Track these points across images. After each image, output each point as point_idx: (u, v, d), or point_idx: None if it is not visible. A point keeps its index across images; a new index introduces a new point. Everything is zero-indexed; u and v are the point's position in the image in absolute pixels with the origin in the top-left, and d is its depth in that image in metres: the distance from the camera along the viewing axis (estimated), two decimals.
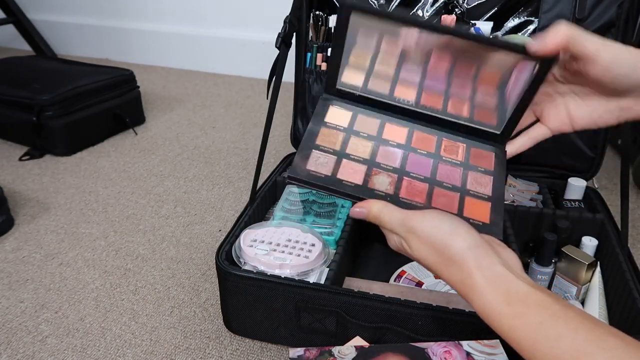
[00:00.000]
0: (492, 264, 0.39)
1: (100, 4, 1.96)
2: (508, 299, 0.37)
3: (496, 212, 0.47)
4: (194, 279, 0.80)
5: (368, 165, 0.49)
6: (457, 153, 0.52)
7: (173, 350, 0.66)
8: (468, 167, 0.51)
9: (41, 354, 0.66)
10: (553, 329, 0.35)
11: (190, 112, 1.48)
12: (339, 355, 0.49)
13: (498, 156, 0.52)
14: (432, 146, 0.52)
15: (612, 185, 1.06)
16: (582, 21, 0.78)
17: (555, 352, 0.34)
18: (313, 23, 0.89)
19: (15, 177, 1.10)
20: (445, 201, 0.47)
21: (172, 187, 1.07)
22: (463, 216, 0.46)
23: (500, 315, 0.37)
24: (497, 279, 0.38)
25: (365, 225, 0.84)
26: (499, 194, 0.49)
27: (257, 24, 1.77)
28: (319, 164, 0.48)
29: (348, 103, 0.53)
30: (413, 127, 0.53)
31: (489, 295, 0.38)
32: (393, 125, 0.53)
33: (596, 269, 0.71)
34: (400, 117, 0.53)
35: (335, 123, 0.52)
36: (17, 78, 1.26)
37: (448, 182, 0.49)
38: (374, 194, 0.47)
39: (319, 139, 0.50)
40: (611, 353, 0.33)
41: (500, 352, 0.49)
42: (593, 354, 0.33)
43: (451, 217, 0.43)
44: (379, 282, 0.71)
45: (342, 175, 0.48)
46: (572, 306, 0.37)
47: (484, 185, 0.49)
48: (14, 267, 0.82)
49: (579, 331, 0.34)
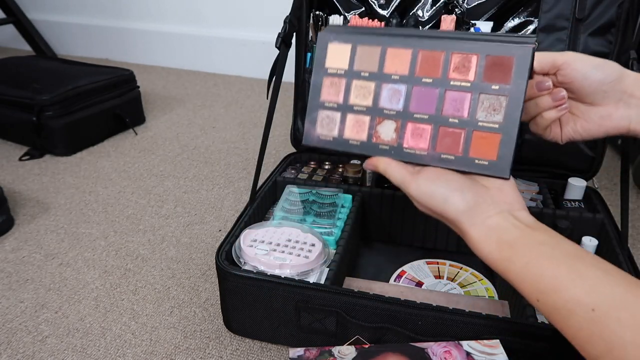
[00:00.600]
0: (486, 219, 0.43)
1: (101, 4, 1.96)
2: (499, 247, 0.42)
3: (506, 145, 0.45)
4: (194, 279, 0.80)
5: (371, 115, 0.50)
6: (469, 69, 0.46)
7: (173, 350, 0.66)
8: (479, 89, 0.46)
9: (41, 354, 0.66)
10: (536, 268, 0.39)
11: (190, 112, 1.48)
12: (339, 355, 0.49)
13: (519, 60, 0.44)
14: (438, 68, 0.47)
15: (612, 185, 1.06)
16: (582, 21, 0.78)
17: (539, 286, 0.39)
18: (313, 23, 0.89)
19: (15, 177, 1.10)
20: (450, 142, 0.47)
21: (172, 187, 1.07)
22: (468, 157, 0.46)
23: (494, 261, 0.43)
24: (489, 231, 0.43)
25: (365, 225, 0.84)
26: (513, 119, 0.44)
27: (257, 24, 1.77)
28: (325, 125, 0.51)
29: (347, 34, 0.52)
30: (417, 46, 0.49)
31: (482, 246, 0.43)
32: (395, 49, 0.49)
33: None
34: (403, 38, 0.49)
35: (336, 67, 0.52)
36: (17, 78, 1.26)
37: (454, 116, 0.47)
38: (379, 150, 0.49)
39: (323, 93, 0.52)
40: (588, 282, 0.37)
41: (500, 352, 0.49)
42: (570, 286, 0.37)
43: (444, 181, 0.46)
44: (379, 282, 0.71)
45: (348, 133, 0.51)
46: (560, 244, 0.41)
47: (497, 110, 0.45)
48: (14, 267, 0.82)
49: (561, 267, 0.38)
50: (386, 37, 0.50)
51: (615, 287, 0.36)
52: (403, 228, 0.82)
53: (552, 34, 0.80)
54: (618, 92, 0.48)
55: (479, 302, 0.67)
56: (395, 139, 0.49)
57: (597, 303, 0.35)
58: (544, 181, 0.87)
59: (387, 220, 0.82)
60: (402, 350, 0.49)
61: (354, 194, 0.81)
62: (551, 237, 0.42)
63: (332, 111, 0.52)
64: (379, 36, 0.50)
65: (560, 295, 0.37)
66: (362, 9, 0.88)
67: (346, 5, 0.88)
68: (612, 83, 0.48)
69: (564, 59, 0.49)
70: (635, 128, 0.49)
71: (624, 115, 0.49)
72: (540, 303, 0.39)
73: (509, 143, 0.45)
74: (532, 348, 0.54)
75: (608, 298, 0.35)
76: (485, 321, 0.55)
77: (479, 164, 0.45)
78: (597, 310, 0.35)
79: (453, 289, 0.73)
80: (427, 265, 0.78)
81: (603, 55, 0.78)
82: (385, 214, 0.82)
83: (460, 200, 0.44)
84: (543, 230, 0.42)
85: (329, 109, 0.52)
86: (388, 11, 0.87)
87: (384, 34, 0.50)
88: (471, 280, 0.75)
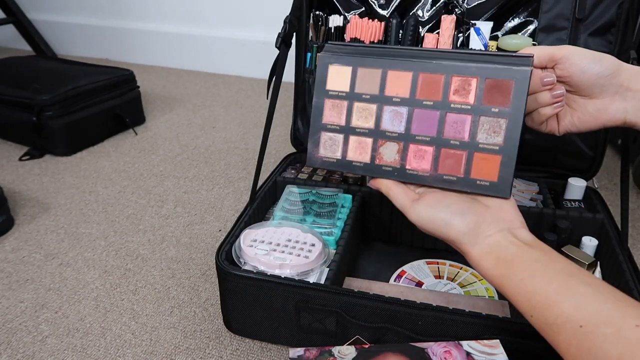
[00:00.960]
0: (486, 238, 0.45)
1: (101, 4, 1.96)
2: (497, 264, 0.43)
3: (506, 166, 0.46)
4: (194, 279, 0.80)
5: (374, 137, 0.51)
6: (469, 92, 0.47)
7: (173, 350, 0.66)
8: (479, 111, 0.46)
9: (41, 354, 0.66)
10: (530, 285, 0.41)
11: (190, 112, 1.48)
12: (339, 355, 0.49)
13: (518, 83, 0.45)
14: (439, 91, 0.48)
15: (612, 185, 1.06)
16: (582, 21, 0.78)
17: (531, 303, 0.40)
18: (313, 23, 0.89)
19: (15, 177, 1.10)
20: (452, 164, 0.47)
21: (172, 187, 1.07)
22: (470, 178, 0.46)
23: (492, 277, 0.44)
24: (489, 249, 0.44)
25: (365, 225, 0.84)
26: (513, 140, 0.45)
27: (257, 24, 1.77)
28: (328, 147, 0.52)
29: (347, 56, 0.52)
30: (418, 69, 0.49)
31: (482, 263, 0.45)
32: (396, 71, 0.50)
33: (596, 269, 0.71)
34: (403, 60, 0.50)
35: (337, 89, 0.52)
36: (17, 78, 1.26)
37: (456, 138, 0.48)
38: (382, 171, 0.50)
39: (325, 115, 0.52)
40: (578, 299, 0.37)
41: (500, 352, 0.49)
42: (562, 302, 0.38)
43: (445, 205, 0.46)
44: (379, 282, 0.71)
45: (351, 155, 0.51)
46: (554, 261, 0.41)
47: (497, 132, 0.46)
48: (14, 267, 0.82)
49: (552, 284, 0.39)
50: (386, 58, 0.50)
51: (603, 304, 0.36)
52: (403, 228, 0.82)
53: (552, 34, 0.80)
54: (615, 86, 0.49)
55: (479, 302, 0.67)
56: (398, 161, 0.50)
57: (585, 319, 0.36)
58: (544, 181, 0.87)
59: (387, 220, 0.82)
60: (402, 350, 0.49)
61: (354, 194, 0.81)
62: (546, 255, 0.42)
63: (334, 133, 0.52)
64: (379, 58, 0.51)
65: (552, 311, 0.38)
66: (362, 9, 0.88)
67: (346, 5, 0.88)
68: (609, 77, 0.49)
69: (563, 53, 0.49)
70: (631, 120, 0.50)
71: (620, 108, 0.50)
72: (533, 319, 0.40)
73: (509, 164, 0.46)
74: (532, 348, 0.54)
75: (595, 314, 0.36)
76: (485, 321, 0.55)
77: (480, 184, 0.46)
78: (584, 326, 0.36)
79: (453, 289, 0.73)
80: (427, 265, 0.78)
81: None
82: (385, 214, 0.82)
83: (461, 223, 0.45)
84: (539, 247, 0.43)
85: (332, 131, 0.52)
86: (388, 11, 0.87)
87: (383, 55, 0.51)
88: (471, 280, 0.75)
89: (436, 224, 0.46)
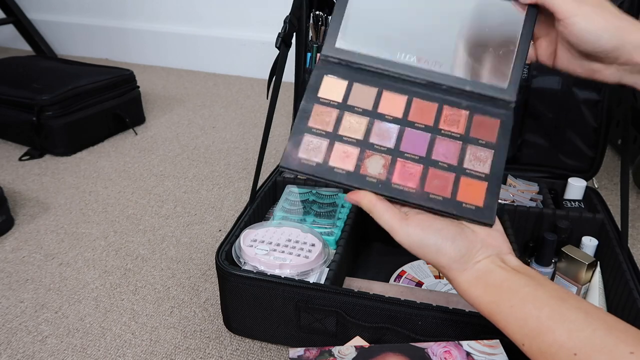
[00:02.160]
0: (476, 263, 0.44)
1: (101, 4, 1.96)
2: (486, 290, 0.42)
3: (491, 193, 0.46)
4: (194, 279, 0.80)
5: (361, 147, 0.49)
6: (458, 123, 0.49)
7: (173, 350, 0.66)
8: (468, 141, 0.48)
9: (41, 354, 0.66)
10: (521, 311, 0.39)
11: (190, 112, 1.48)
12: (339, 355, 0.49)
13: (503, 124, 0.49)
14: (431, 117, 0.49)
15: (612, 185, 1.06)
16: None
17: (524, 330, 0.39)
18: (313, 23, 0.89)
19: (15, 177, 1.10)
20: (439, 184, 0.47)
21: (172, 187, 1.07)
22: (456, 200, 0.46)
23: (481, 304, 0.43)
24: (479, 275, 0.43)
25: (365, 225, 0.84)
26: (498, 171, 0.47)
27: (257, 24, 1.77)
28: (310, 150, 0.48)
29: (345, 70, 0.51)
30: (413, 94, 0.50)
31: (471, 290, 0.43)
32: (391, 93, 0.50)
33: (596, 269, 0.71)
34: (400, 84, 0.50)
35: (329, 98, 0.51)
36: (17, 78, 1.26)
37: (444, 161, 0.48)
38: (366, 182, 0.47)
39: (312, 119, 0.50)
40: (570, 325, 0.37)
41: (500, 352, 0.49)
42: (554, 329, 0.37)
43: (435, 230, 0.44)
44: (379, 282, 0.71)
45: (334, 161, 0.48)
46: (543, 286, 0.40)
47: (483, 162, 0.48)
48: (14, 267, 0.82)
49: (543, 310, 0.38)
50: (384, 78, 0.51)
51: (596, 331, 0.36)
52: None
53: None
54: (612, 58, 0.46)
55: None
56: (384, 174, 0.48)
57: (579, 347, 0.35)
58: (544, 181, 0.87)
59: None
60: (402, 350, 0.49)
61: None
62: (535, 280, 0.41)
63: (319, 137, 0.49)
64: (376, 76, 0.51)
65: (544, 339, 0.37)
66: None
67: None
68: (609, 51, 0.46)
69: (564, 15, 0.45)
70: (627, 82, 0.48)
71: (614, 73, 0.48)
72: (526, 347, 0.39)
73: (494, 192, 0.46)
74: None
75: (589, 342, 0.35)
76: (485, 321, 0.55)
77: (466, 207, 0.46)
78: (578, 354, 0.35)
79: (453, 289, 0.73)
80: (427, 265, 0.78)
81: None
82: None
83: (452, 249, 0.44)
84: (527, 273, 0.42)
85: (316, 135, 0.49)
86: None
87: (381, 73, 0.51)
88: None
89: (427, 249, 0.44)
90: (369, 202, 0.46)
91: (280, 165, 0.48)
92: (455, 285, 0.45)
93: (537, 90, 0.83)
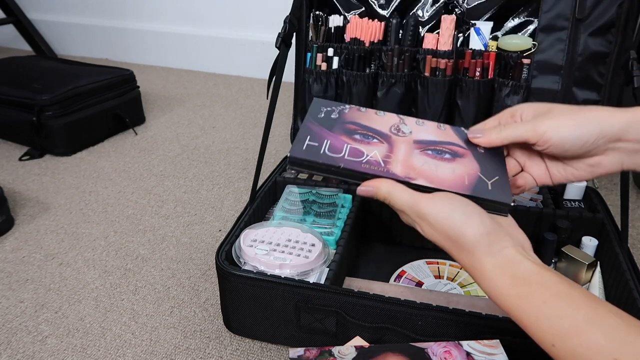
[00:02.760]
0: (503, 248, 0.40)
1: (101, 4, 1.96)
2: (514, 281, 0.39)
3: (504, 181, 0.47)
4: (194, 279, 0.80)
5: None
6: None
7: (173, 350, 0.66)
8: None
9: (41, 354, 0.66)
10: (555, 308, 0.36)
11: (190, 112, 1.48)
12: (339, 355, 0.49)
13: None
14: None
15: (612, 185, 1.06)
16: (582, 21, 0.78)
17: (557, 329, 0.36)
18: (313, 23, 0.89)
19: (15, 177, 1.10)
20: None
21: (172, 187, 1.07)
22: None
23: (507, 297, 0.39)
24: (506, 262, 0.40)
25: (365, 225, 0.84)
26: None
27: (257, 24, 1.77)
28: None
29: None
30: None
31: (496, 279, 0.40)
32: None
33: (596, 269, 0.71)
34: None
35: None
36: (17, 78, 1.26)
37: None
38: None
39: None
40: (607, 329, 0.34)
41: (500, 352, 0.49)
42: (591, 331, 0.35)
43: (462, 203, 0.42)
44: (379, 282, 0.71)
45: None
46: (576, 286, 0.38)
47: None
48: (14, 267, 0.82)
49: (580, 310, 0.36)
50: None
51: (638, 337, 0.34)
52: (403, 228, 0.82)
53: (552, 34, 0.80)
54: (603, 145, 0.45)
55: (479, 302, 0.67)
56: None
57: (620, 352, 0.33)
58: None
59: (387, 220, 0.82)
60: (402, 350, 0.49)
61: (354, 193, 0.81)
62: (565, 279, 0.39)
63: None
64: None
65: (581, 341, 0.35)
66: (362, 9, 0.88)
67: (346, 5, 0.89)
68: (594, 141, 0.45)
69: (538, 135, 0.45)
70: (628, 167, 0.46)
71: (614, 160, 0.46)
72: (556, 348, 0.36)
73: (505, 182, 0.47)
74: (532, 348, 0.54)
75: (630, 348, 0.33)
76: (485, 321, 0.55)
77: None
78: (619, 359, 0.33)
79: (453, 289, 0.73)
80: (427, 265, 0.78)
81: (603, 55, 0.78)
82: (385, 214, 0.82)
83: (479, 223, 0.41)
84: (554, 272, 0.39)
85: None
86: (388, 11, 0.87)
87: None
88: (471, 280, 0.75)
89: (453, 221, 0.41)
90: (388, 185, 0.44)
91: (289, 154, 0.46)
92: (478, 272, 0.41)
93: (537, 90, 0.83)
